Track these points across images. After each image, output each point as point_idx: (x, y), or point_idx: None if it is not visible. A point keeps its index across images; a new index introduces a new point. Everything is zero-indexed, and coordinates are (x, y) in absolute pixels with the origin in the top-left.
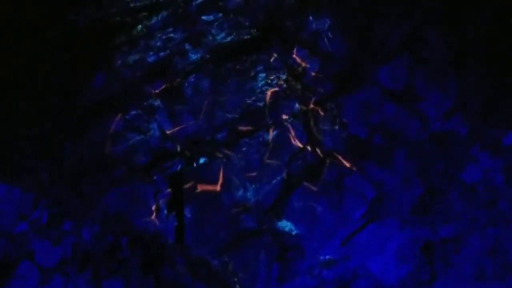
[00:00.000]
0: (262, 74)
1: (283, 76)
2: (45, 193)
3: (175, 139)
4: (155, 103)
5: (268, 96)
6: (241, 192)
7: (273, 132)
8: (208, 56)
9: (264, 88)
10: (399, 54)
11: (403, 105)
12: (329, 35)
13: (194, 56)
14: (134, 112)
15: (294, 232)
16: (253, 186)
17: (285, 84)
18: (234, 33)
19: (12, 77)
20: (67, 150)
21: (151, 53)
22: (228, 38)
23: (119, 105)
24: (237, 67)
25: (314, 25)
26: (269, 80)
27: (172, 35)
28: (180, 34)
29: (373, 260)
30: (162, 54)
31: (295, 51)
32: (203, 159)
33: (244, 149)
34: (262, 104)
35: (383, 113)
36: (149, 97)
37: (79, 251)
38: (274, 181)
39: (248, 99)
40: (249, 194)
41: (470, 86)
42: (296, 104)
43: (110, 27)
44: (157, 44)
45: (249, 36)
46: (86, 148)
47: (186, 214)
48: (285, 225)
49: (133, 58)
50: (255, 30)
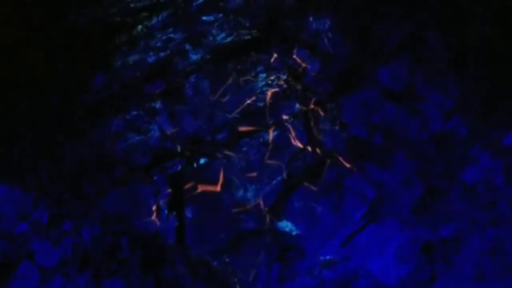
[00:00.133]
0: (263, 75)
1: (284, 76)
2: (45, 193)
3: (175, 139)
4: (155, 104)
5: (269, 97)
6: (241, 193)
7: (274, 133)
8: (209, 56)
9: (264, 88)
10: (399, 54)
11: (403, 105)
12: (329, 35)
13: (194, 57)
14: (134, 112)
15: (294, 232)
16: (253, 186)
17: (285, 85)
18: (234, 33)
19: (12, 77)
20: (67, 150)
21: (151, 53)
22: (229, 39)
23: (119, 105)
24: (238, 67)
25: (314, 25)
26: (269, 81)
27: (172, 35)
28: (180, 34)
29: (373, 260)
30: (162, 54)
31: (295, 52)
32: (203, 160)
33: (244, 149)
34: (262, 104)
35: (383, 113)
36: (149, 97)
37: (79, 251)
38: (274, 181)
39: (248, 100)
40: (249, 194)
41: (470, 86)
42: (297, 105)
43: (110, 27)
44: (157, 44)
45: (249, 37)
46: (86, 148)
47: (186, 214)
48: (285, 225)
49: (133, 58)
50: (255, 31)
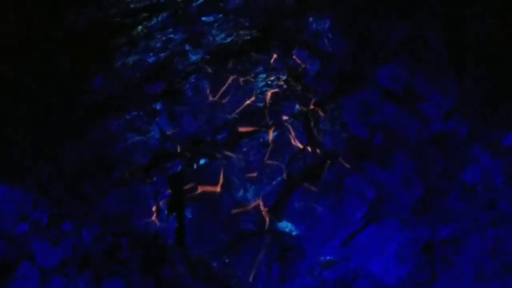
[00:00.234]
0: (262, 75)
1: (283, 76)
2: (45, 194)
3: (175, 140)
4: (155, 104)
5: (268, 97)
6: (241, 193)
7: (273, 133)
8: (208, 57)
9: (264, 88)
10: (399, 54)
11: (403, 105)
12: (329, 35)
13: (194, 57)
14: (134, 112)
15: (294, 233)
16: (253, 186)
17: (285, 85)
18: (234, 34)
19: (12, 77)
20: (67, 150)
21: (151, 54)
22: (228, 39)
23: (119, 105)
24: (237, 67)
25: (314, 25)
26: (269, 81)
27: (172, 36)
28: (180, 35)
29: (374, 260)
30: (162, 55)
31: (295, 52)
32: (203, 160)
33: (244, 149)
34: (262, 104)
35: (383, 113)
36: (149, 97)
37: (79, 251)
38: (274, 181)
39: (248, 100)
40: (249, 194)
41: (470, 86)
42: (296, 105)
43: (110, 27)
44: (157, 45)
45: (249, 37)
46: (86, 148)
47: (186, 214)
48: (286, 225)
49: (133, 58)
50: (255, 31)
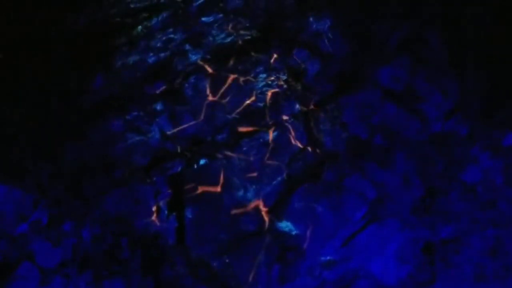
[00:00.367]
0: (263, 75)
1: (284, 76)
2: (45, 194)
3: (176, 140)
4: (156, 104)
5: (269, 97)
6: (241, 193)
7: (274, 133)
8: (209, 57)
9: (264, 89)
10: (399, 55)
11: (404, 105)
12: (329, 35)
13: (194, 57)
14: (134, 112)
15: (294, 233)
16: (254, 186)
17: (285, 85)
18: (234, 34)
19: (12, 78)
20: (67, 150)
21: (151, 54)
22: (228, 39)
23: (119, 105)
24: (238, 67)
25: (314, 26)
26: (269, 81)
27: (172, 36)
28: (180, 35)
29: (374, 260)
30: (162, 55)
31: (295, 52)
32: (204, 160)
33: (244, 149)
34: (262, 104)
35: (383, 113)
36: (149, 98)
37: (80, 251)
38: (275, 181)
39: (248, 100)
40: (250, 194)
41: (470, 86)
42: (297, 105)
43: (110, 27)
44: (158, 45)
45: (249, 37)
46: (86, 148)
47: (186, 215)
48: (286, 225)
49: (133, 58)
50: (255, 31)
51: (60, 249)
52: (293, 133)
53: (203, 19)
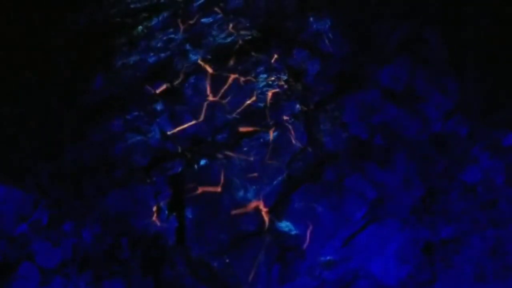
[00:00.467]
0: (263, 75)
1: (284, 76)
2: (45, 194)
3: (176, 140)
4: (156, 104)
5: (269, 97)
6: (241, 193)
7: (274, 133)
8: (209, 56)
9: (264, 88)
10: (399, 55)
11: (404, 105)
12: (330, 35)
13: (194, 57)
14: (134, 112)
15: (294, 233)
16: (254, 187)
17: (285, 85)
18: (235, 34)
19: (12, 78)
20: (67, 150)
21: (151, 54)
22: (229, 39)
23: (120, 105)
24: (238, 67)
25: (314, 26)
26: (269, 81)
27: (172, 36)
28: (180, 35)
29: (374, 260)
30: (162, 55)
31: (296, 52)
32: (204, 160)
33: (244, 150)
34: (262, 104)
35: (383, 113)
36: (149, 98)
37: (80, 252)
38: (275, 181)
39: (248, 100)
40: (250, 195)
41: (470, 86)
42: (297, 105)
43: (110, 27)
44: (158, 45)
45: (249, 37)
46: (86, 148)
47: (186, 215)
48: (286, 225)
49: (133, 58)
50: (255, 31)
51: (60, 249)
52: (293, 133)
53: (203, 19)
